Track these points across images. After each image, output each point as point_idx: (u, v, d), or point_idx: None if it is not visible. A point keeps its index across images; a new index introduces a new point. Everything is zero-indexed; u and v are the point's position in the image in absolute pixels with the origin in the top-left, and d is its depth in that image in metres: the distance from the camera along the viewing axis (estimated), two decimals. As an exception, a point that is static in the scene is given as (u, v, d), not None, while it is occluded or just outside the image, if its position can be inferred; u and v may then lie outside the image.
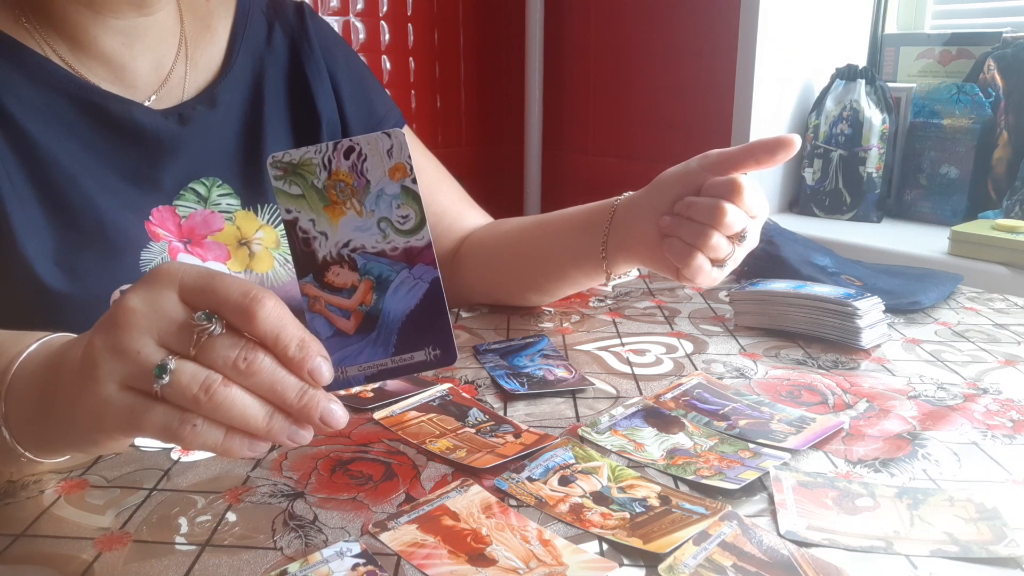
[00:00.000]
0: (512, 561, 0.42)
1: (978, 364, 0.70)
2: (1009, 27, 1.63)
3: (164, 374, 0.38)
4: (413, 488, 0.49)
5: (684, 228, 0.63)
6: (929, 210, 1.64)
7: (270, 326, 0.39)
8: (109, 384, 0.39)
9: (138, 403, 0.39)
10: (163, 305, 0.39)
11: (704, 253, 0.62)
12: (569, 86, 2.16)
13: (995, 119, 1.55)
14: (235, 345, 0.39)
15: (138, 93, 0.70)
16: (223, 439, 0.39)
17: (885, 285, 0.86)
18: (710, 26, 1.81)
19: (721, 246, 0.62)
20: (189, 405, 0.38)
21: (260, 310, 0.38)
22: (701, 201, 0.62)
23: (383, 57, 2.03)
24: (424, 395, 0.62)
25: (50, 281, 0.63)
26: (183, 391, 0.38)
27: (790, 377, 0.67)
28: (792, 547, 0.43)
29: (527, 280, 0.81)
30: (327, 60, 0.81)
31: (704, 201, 0.62)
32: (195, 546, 0.43)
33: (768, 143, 0.62)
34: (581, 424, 0.58)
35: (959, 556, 0.43)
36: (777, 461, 0.52)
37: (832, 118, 1.68)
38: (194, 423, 0.38)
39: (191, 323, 0.39)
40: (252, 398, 0.39)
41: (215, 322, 0.39)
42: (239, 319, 0.39)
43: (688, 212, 0.63)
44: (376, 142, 0.42)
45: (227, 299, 0.39)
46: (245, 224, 0.74)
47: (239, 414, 0.39)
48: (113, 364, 0.38)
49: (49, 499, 0.48)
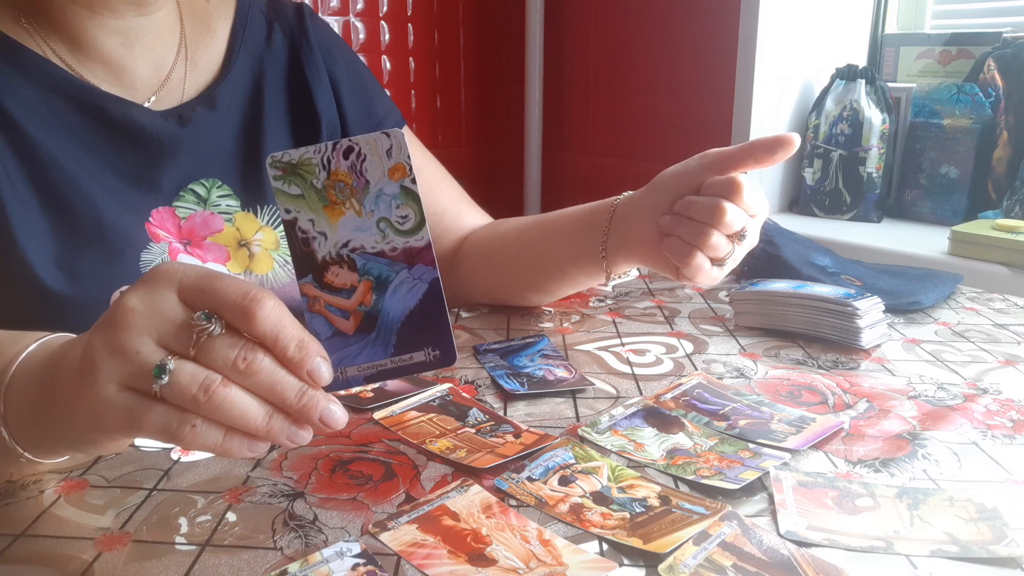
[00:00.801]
0: (512, 561, 0.42)
1: (978, 364, 0.69)
2: (1009, 27, 1.63)
3: (163, 374, 0.38)
4: (413, 488, 0.49)
5: (684, 227, 0.63)
6: (929, 210, 1.64)
7: (269, 326, 0.39)
8: (108, 384, 0.39)
9: (137, 403, 0.38)
10: (162, 305, 0.39)
11: (704, 252, 0.62)
12: (569, 86, 2.16)
13: (995, 119, 1.55)
14: (234, 345, 0.39)
15: (137, 94, 0.70)
16: (222, 439, 0.39)
17: (885, 285, 0.86)
18: (710, 26, 1.81)
19: (721, 245, 0.62)
20: (188, 405, 0.38)
21: (260, 310, 0.38)
22: (701, 200, 0.62)
23: (383, 57, 2.03)
24: (424, 395, 0.62)
25: (50, 282, 0.63)
26: (182, 391, 0.38)
27: (790, 377, 0.67)
28: (792, 547, 0.43)
29: (527, 280, 0.81)
30: (326, 61, 0.81)
31: (704, 200, 0.62)
32: (195, 546, 0.43)
33: (767, 142, 0.62)
34: (581, 424, 0.58)
35: (959, 556, 0.43)
36: (777, 461, 0.52)
37: (832, 118, 1.68)
38: (193, 423, 0.38)
39: (190, 323, 0.39)
40: (251, 398, 0.39)
41: (214, 322, 0.39)
42: (239, 319, 0.39)
43: (688, 211, 0.63)
44: (375, 142, 0.42)
45: (226, 299, 0.39)
46: (245, 225, 0.74)
47: (238, 414, 0.39)
48: (112, 364, 0.38)
49: (49, 499, 0.48)
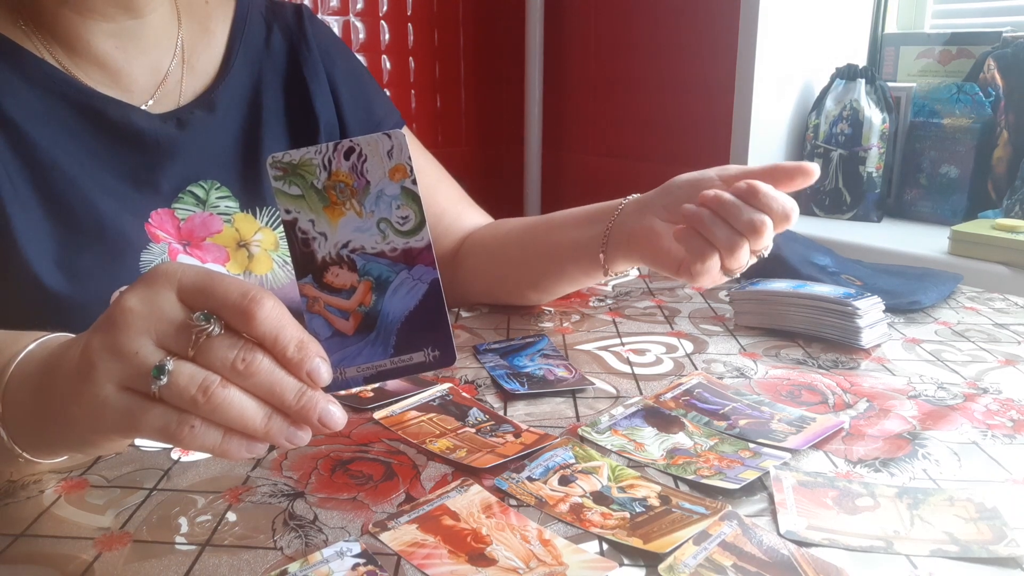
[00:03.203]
0: (512, 561, 0.42)
1: (978, 364, 0.69)
2: (1009, 27, 1.63)
3: (162, 375, 0.38)
4: (413, 488, 0.49)
5: (713, 227, 0.60)
6: (929, 210, 1.64)
7: (269, 327, 0.39)
8: (107, 385, 0.38)
9: (136, 404, 0.38)
10: (161, 305, 0.39)
11: (724, 258, 0.60)
12: (569, 86, 2.16)
13: (995, 119, 1.55)
14: (234, 346, 0.39)
15: (135, 97, 0.70)
16: (221, 440, 0.39)
17: (885, 285, 0.86)
18: (710, 26, 1.81)
19: (744, 258, 0.60)
20: (187, 406, 0.38)
21: (259, 311, 0.38)
22: (744, 208, 0.59)
23: (383, 57, 2.03)
24: (424, 395, 0.62)
25: (51, 283, 0.63)
26: (181, 392, 0.38)
27: (790, 377, 0.67)
28: (792, 547, 0.43)
29: (526, 277, 0.81)
30: (325, 63, 0.81)
31: (747, 209, 0.59)
32: (195, 546, 0.43)
33: (789, 168, 0.61)
34: (581, 424, 0.58)
35: (959, 556, 0.43)
36: (777, 461, 0.52)
37: (832, 118, 1.68)
38: (192, 424, 0.38)
39: (190, 323, 0.38)
40: (250, 399, 0.39)
41: (214, 323, 0.38)
42: (238, 320, 0.39)
43: (723, 211, 0.59)
44: (376, 143, 0.42)
45: (226, 300, 0.39)
46: (244, 226, 0.74)
47: (237, 415, 0.39)
48: (111, 364, 0.38)
49: (49, 499, 0.48)
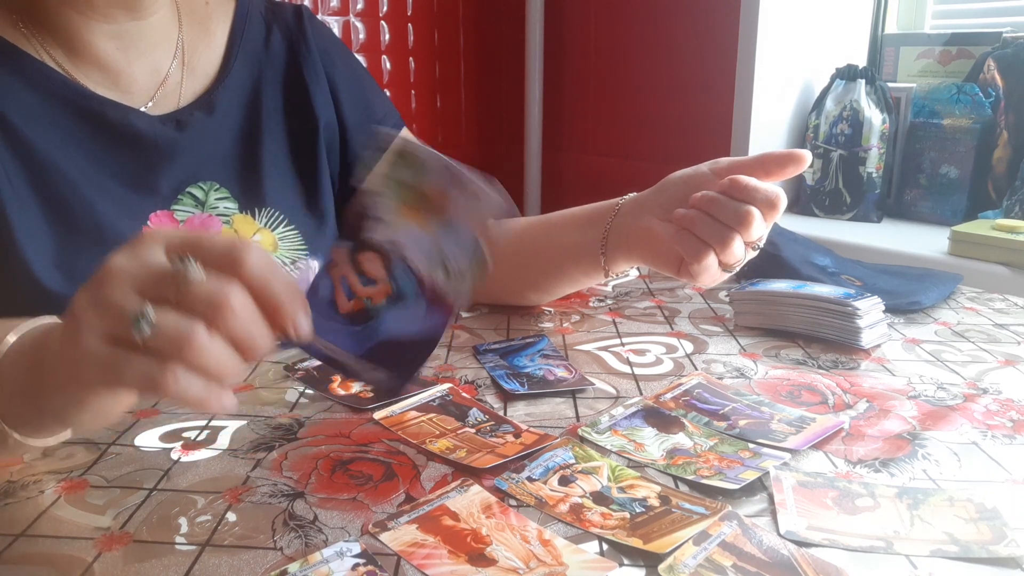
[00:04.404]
0: (512, 561, 0.42)
1: (978, 364, 0.69)
2: (1009, 27, 1.63)
3: (144, 321, 0.38)
4: (413, 488, 0.49)
5: (704, 225, 0.60)
6: (929, 210, 1.64)
7: (259, 271, 0.40)
8: (91, 337, 0.39)
9: (120, 355, 0.39)
10: (146, 259, 0.40)
11: (720, 254, 0.61)
12: (569, 86, 2.16)
13: (995, 119, 1.55)
14: (216, 289, 0.39)
15: (134, 98, 0.70)
16: (204, 389, 0.39)
17: (885, 285, 0.86)
18: (710, 26, 1.81)
19: (738, 251, 0.60)
20: (171, 350, 0.38)
21: (249, 256, 0.39)
22: (728, 202, 0.60)
23: (383, 57, 2.03)
24: (424, 395, 0.62)
25: (49, 284, 0.63)
26: (164, 337, 0.38)
27: (790, 377, 0.67)
28: (792, 547, 0.43)
29: (527, 277, 0.81)
30: (325, 63, 0.81)
31: (732, 203, 0.60)
32: (195, 546, 0.43)
33: (780, 156, 0.62)
34: (581, 424, 0.58)
35: (959, 556, 0.43)
36: (777, 461, 0.52)
37: (832, 118, 1.68)
38: (175, 371, 0.38)
39: (172, 271, 0.39)
40: (230, 349, 0.39)
41: (196, 267, 0.39)
42: (227, 266, 0.39)
43: (711, 209, 0.60)
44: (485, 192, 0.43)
45: (213, 249, 0.40)
46: (243, 227, 0.74)
47: (219, 361, 0.39)
48: (95, 318, 0.39)
49: (49, 499, 0.48)
